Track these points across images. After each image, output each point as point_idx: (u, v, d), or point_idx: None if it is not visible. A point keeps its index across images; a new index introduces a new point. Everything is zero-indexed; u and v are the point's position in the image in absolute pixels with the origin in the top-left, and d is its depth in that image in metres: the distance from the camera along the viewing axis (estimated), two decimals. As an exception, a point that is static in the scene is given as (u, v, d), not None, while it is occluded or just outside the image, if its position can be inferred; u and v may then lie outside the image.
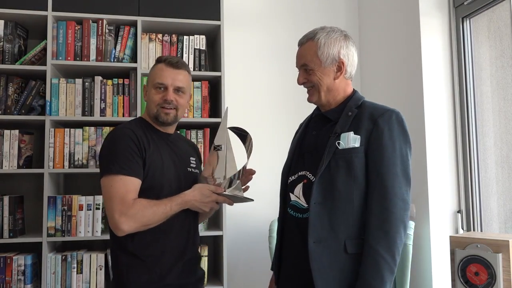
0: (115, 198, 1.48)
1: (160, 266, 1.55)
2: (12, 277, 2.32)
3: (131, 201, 1.49)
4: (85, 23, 2.51)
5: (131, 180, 1.51)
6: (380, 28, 2.89)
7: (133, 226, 1.48)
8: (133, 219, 1.47)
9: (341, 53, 1.50)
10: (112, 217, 1.48)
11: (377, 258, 1.34)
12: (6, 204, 2.35)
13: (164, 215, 1.52)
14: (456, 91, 2.43)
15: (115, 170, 1.50)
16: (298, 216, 1.49)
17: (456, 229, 2.37)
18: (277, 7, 3.07)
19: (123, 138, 1.56)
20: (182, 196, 1.56)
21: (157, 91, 1.65)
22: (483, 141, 2.34)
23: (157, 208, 1.50)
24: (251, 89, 2.98)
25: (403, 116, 1.47)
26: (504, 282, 1.83)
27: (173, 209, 1.54)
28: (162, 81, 1.64)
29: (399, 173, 1.40)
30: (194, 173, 1.72)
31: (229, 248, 2.67)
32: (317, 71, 1.50)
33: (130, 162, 1.52)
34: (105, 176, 1.53)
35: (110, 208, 1.49)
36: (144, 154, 1.56)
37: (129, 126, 1.62)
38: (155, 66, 1.70)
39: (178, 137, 1.80)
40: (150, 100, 1.66)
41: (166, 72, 1.65)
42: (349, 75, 1.54)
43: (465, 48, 2.42)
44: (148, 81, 1.71)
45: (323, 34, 1.51)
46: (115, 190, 1.49)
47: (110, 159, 1.54)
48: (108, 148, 1.58)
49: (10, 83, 2.45)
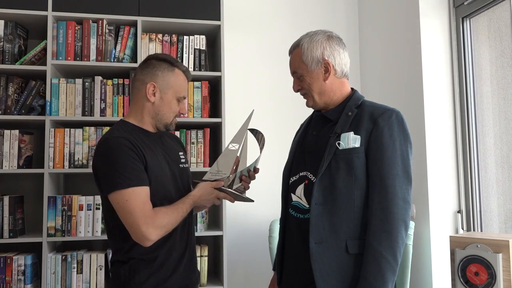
0: (135, 211, 1.45)
1: (167, 267, 1.56)
2: (12, 277, 2.32)
3: (152, 212, 1.47)
4: (85, 23, 2.51)
5: (143, 189, 1.49)
6: (380, 28, 2.89)
7: (160, 234, 1.48)
8: (159, 228, 1.47)
9: (324, 54, 1.51)
10: (138, 230, 1.45)
11: (378, 258, 1.34)
12: (6, 204, 2.35)
13: (181, 219, 1.54)
14: (456, 91, 2.43)
15: (125, 184, 1.46)
16: (300, 217, 1.49)
17: (456, 229, 2.37)
18: (277, 7, 3.08)
19: (121, 148, 1.49)
20: (191, 197, 1.59)
21: (177, 103, 1.64)
22: (483, 141, 2.34)
23: (177, 213, 1.52)
24: (251, 89, 2.98)
25: (403, 115, 1.47)
26: (504, 282, 1.83)
27: (188, 211, 1.57)
28: (185, 95, 1.65)
29: (399, 172, 1.40)
30: (185, 168, 1.72)
31: (229, 248, 2.67)
32: (306, 76, 1.52)
33: (136, 171, 1.49)
34: (116, 192, 1.47)
35: (132, 222, 1.46)
36: (144, 161, 1.53)
37: (119, 134, 1.54)
38: (174, 71, 1.62)
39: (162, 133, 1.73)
40: (169, 108, 1.62)
41: (186, 84, 1.66)
42: (340, 74, 1.54)
43: (465, 48, 2.42)
44: (168, 87, 1.61)
45: (306, 39, 1.54)
46: (133, 204, 1.46)
47: (115, 173, 1.48)
48: (108, 162, 1.50)
49: (10, 83, 2.45)
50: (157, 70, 1.61)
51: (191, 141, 2.56)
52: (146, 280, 1.52)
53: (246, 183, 1.66)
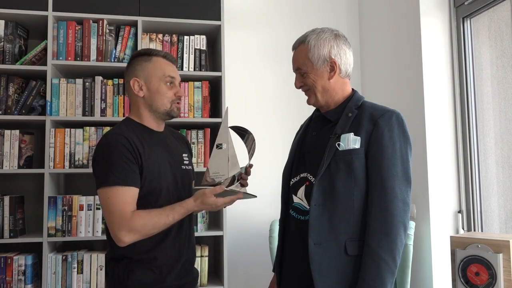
0: (113, 211, 1.46)
1: (161, 268, 1.55)
2: (13, 277, 2.32)
3: (129, 214, 1.46)
4: (85, 23, 2.51)
5: (128, 190, 1.48)
6: (380, 28, 2.89)
7: (134, 238, 1.47)
8: (133, 232, 1.45)
9: (331, 53, 1.50)
10: (112, 230, 1.47)
11: (377, 260, 1.34)
12: (7, 204, 2.35)
13: (164, 226, 1.50)
14: (456, 91, 2.43)
15: (111, 182, 1.47)
16: (300, 218, 1.49)
17: (456, 229, 2.37)
18: (278, 7, 3.07)
19: (117, 146, 1.50)
20: (184, 206, 1.52)
21: (168, 87, 1.61)
22: (483, 141, 2.34)
23: (158, 219, 1.48)
24: (251, 89, 2.98)
25: (403, 117, 1.47)
26: (504, 282, 1.83)
27: (175, 219, 1.51)
28: (172, 75, 1.62)
29: (399, 174, 1.39)
30: (188, 170, 1.71)
31: (229, 248, 2.67)
32: (311, 73, 1.51)
33: (126, 171, 1.48)
34: (102, 188, 1.49)
35: (109, 221, 1.48)
36: (140, 160, 1.52)
37: (120, 131, 1.56)
38: (152, 59, 1.62)
39: (169, 133, 1.75)
40: (162, 95, 1.60)
41: (171, 66, 1.64)
42: (344, 74, 1.54)
43: (466, 48, 2.42)
44: (151, 74, 1.61)
45: (313, 36, 1.52)
46: (113, 203, 1.46)
47: (105, 170, 1.49)
48: (102, 157, 1.53)
49: (11, 83, 2.45)
50: (136, 65, 1.63)
51: (191, 141, 2.56)
52: (141, 279, 1.52)
53: (245, 180, 1.65)
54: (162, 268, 1.55)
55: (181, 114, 2.53)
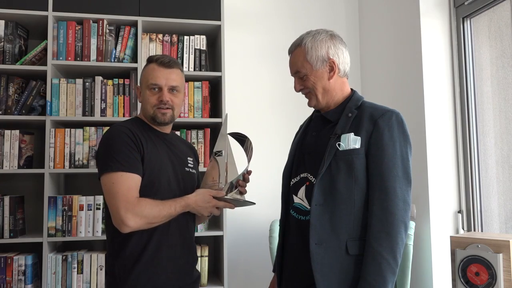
0: (118, 195, 1.48)
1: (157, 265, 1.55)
2: (13, 277, 2.32)
3: (135, 199, 1.49)
4: (85, 23, 2.51)
5: (132, 176, 1.51)
6: (380, 28, 2.89)
7: (139, 223, 1.47)
8: (139, 216, 1.47)
9: (329, 53, 1.51)
10: (117, 213, 1.47)
11: (378, 259, 1.34)
12: (7, 204, 2.35)
13: (168, 215, 1.53)
14: (456, 91, 2.43)
15: (115, 168, 1.50)
16: (301, 218, 1.49)
17: (456, 229, 2.37)
18: (278, 7, 3.07)
19: (120, 135, 1.55)
20: (185, 199, 1.57)
21: (151, 92, 1.63)
22: (483, 141, 2.34)
23: (162, 207, 1.51)
24: (251, 89, 2.98)
25: (403, 116, 1.47)
26: (504, 282, 1.83)
27: (177, 211, 1.54)
28: (156, 81, 1.63)
29: (399, 174, 1.40)
30: (192, 173, 1.72)
31: (229, 248, 2.67)
32: (310, 75, 1.51)
33: (129, 158, 1.52)
34: (105, 174, 1.52)
35: (114, 205, 1.49)
36: (142, 151, 1.56)
37: (125, 124, 1.62)
38: (147, 66, 1.68)
39: (175, 137, 1.80)
40: (146, 102, 1.65)
41: (159, 72, 1.64)
42: (343, 73, 1.54)
43: (466, 48, 2.42)
44: (141, 82, 1.68)
45: (309, 38, 1.52)
46: (118, 187, 1.48)
47: (108, 157, 1.53)
48: (105, 146, 1.57)
49: (11, 83, 2.45)
50: (142, 72, 1.71)
51: (191, 141, 2.56)
52: (140, 278, 1.53)
53: (243, 187, 1.66)
54: (157, 266, 1.55)
55: (181, 114, 2.53)
